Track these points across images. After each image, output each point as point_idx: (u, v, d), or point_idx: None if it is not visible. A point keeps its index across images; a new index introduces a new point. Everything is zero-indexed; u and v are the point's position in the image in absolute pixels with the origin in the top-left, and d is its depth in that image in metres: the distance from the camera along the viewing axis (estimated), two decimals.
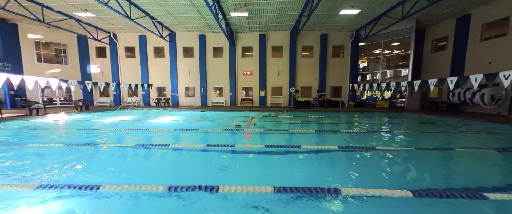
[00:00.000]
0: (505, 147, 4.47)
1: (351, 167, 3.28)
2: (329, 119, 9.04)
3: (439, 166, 3.49)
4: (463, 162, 3.64)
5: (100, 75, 16.36)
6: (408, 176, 3.02)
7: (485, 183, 2.66)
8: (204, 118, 9.28)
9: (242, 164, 3.49)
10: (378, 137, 5.48)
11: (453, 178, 2.96)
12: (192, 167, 3.31)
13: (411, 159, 3.67)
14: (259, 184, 2.34)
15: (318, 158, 3.68)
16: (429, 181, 2.82)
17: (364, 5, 10.45)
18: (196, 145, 4.41)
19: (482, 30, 10.90)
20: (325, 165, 3.36)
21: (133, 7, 10.74)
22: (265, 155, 3.87)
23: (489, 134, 5.92)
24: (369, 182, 2.67)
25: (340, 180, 2.75)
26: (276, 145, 4.27)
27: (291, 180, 2.72)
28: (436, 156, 3.90)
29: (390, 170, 3.21)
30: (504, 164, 3.57)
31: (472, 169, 3.25)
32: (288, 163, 3.48)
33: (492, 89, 9.82)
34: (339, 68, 15.83)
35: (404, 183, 2.70)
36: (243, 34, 15.58)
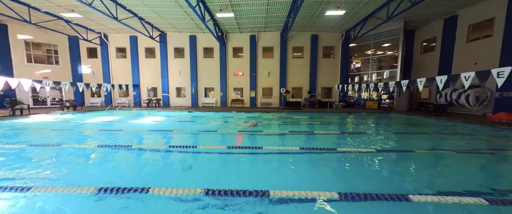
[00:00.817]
0: (467, 149, 4.46)
1: (299, 169, 3.27)
2: (310, 120, 9.03)
3: (385, 167, 3.40)
4: (409, 164, 3.52)
5: (91, 76, 16.39)
6: (343, 177, 2.97)
7: (413, 184, 2.66)
8: (184, 118, 9.28)
9: (195, 163, 3.48)
10: (345, 138, 5.47)
11: (385, 180, 2.89)
12: (142, 167, 3.30)
13: (357, 161, 3.60)
14: (191, 187, 2.34)
15: (279, 159, 3.70)
16: (362, 183, 2.75)
17: (349, 6, 10.46)
18: (159, 146, 4.42)
19: (468, 31, 10.90)
20: (282, 167, 3.37)
21: (120, 8, 10.79)
22: (227, 155, 3.87)
23: (461, 135, 5.91)
24: (300, 184, 2.63)
25: (275, 182, 2.72)
26: (241, 146, 4.27)
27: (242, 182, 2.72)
28: (390, 157, 3.80)
29: (330, 171, 3.21)
30: (445, 166, 3.52)
31: (411, 171, 3.22)
32: (248, 164, 3.48)
33: (477, 90, 9.81)
34: (329, 68, 15.83)
35: (335, 185, 2.68)
36: (233, 34, 15.61)
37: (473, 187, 2.60)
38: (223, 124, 7.65)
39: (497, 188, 2.56)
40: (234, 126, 7.27)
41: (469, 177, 3.00)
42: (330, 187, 2.56)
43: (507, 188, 2.62)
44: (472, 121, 7.43)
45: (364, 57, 15.53)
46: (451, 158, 3.83)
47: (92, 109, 13.29)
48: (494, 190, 2.49)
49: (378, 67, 15.26)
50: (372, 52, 14.76)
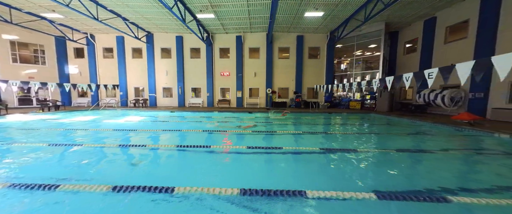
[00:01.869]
0: (408, 147, 4.58)
1: (243, 167, 3.37)
2: (283, 120, 9.14)
3: (316, 166, 3.52)
4: (342, 162, 3.64)
5: (78, 76, 16.42)
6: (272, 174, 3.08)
7: (333, 182, 2.77)
8: (160, 118, 9.35)
9: (147, 161, 3.57)
10: (308, 138, 5.58)
11: (315, 178, 3.01)
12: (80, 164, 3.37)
13: (302, 160, 3.73)
14: (130, 183, 2.43)
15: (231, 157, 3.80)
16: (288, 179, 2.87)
17: (328, 8, 10.60)
18: (111, 145, 4.50)
19: (445, 32, 11.07)
20: (225, 164, 3.47)
21: (102, 9, 10.86)
22: (183, 152, 3.97)
23: (419, 135, 6.04)
24: (242, 182, 2.74)
25: (204, 179, 2.83)
26: (193, 145, 4.37)
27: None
28: (329, 156, 3.89)
29: (274, 169, 3.31)
30: (372, 164, 3.61)
31: (343, 170, 3.33)
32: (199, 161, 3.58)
33: (452, 91, 9.97)
34: (315, 69, 15.96)
35: (262, 181, 2.78)
36: (219, 35, 15.71)
37: (381, 185, 2.71)
38: (191, 124, 7.73)
39: (415, 187, 2.68)
40: (198, 125, 7.37)
41: (384, 175, 3.09)
42: (252, 183, 2.67)
43: (427, 187, 2.73)
44: (440, 121, 7.56)
45: (350, 58, 15.70)
46: (385, 157, 3.91)
47: (77, 109, 13.33)
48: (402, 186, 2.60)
49: (364, 68, 15.43)
50: (359, 53, 14.93)
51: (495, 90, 8.66)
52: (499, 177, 3.09)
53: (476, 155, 4.13)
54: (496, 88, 8.63)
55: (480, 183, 2.82)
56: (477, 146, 4.89)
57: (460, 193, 2.39)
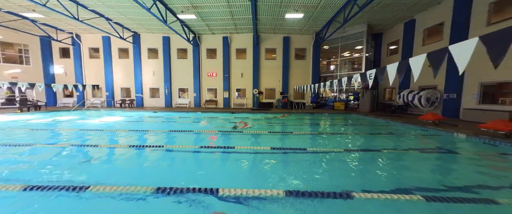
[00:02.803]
0: (365, 147, 4.69)
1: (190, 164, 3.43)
2: (263, 120, 9.22)
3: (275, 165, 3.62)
4: (298, 161, 3.76)
5: (64, 76, 16.28)
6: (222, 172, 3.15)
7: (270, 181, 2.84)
8: (139, 118, 9.35)
9: (102, 159, 3.59)
10: (264, 137, 5.66)
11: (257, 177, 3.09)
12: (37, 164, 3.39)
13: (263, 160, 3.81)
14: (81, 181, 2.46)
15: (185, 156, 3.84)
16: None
17: (308, 10, 10.74)
18: (63, 145, 4.51)
19: (423, 35, 11.30)
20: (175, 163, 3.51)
21: (83, 9, 10.83)
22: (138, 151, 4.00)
23: (383, 135, 6.17)
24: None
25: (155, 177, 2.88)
26: (150, 145, 4.40)
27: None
28: (280, 155, 4.00)
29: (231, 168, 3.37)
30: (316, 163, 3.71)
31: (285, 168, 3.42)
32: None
33: (428, 91, 10.16)
34: (302, 70, 16.11)
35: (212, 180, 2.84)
36: (206, 36, 15.76)
37: (321, 185, 2.79)
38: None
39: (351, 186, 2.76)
40: (167, 125, 7.41)
41: (322, 174, 3.19)
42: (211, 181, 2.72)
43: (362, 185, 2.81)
44: (409, 121, 7.71)
45: (336, 59, 15.86)
46: (330, 156, 4.01)
47: (60, 109, 13.23)
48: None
49: (350, 69, 15.61)
50: (348, 54, 15.09)
51: (467, 91, 8.88)
52: (430, 174, 3.21)
53: (421, 153, 4.23)
54: (468, 90, 8.85)
55: (415, 180, 2.92)
56: (431, 145, 5.01)
57: (390, 190, 2.48)
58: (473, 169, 3.44)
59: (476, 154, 4.21)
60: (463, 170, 3.47)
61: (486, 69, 8.16)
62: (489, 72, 8.05)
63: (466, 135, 5.25)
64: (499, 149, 4.39)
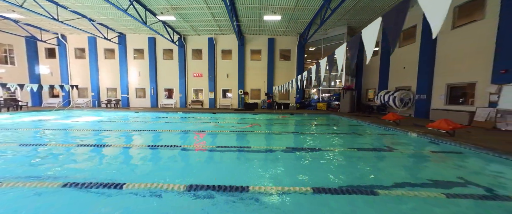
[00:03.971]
0: (312, 147, 4.87)
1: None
2: (239, 119, 9.38)
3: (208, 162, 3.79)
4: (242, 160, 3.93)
5: (50, 76, 16.30)
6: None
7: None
8: (110, 118, 9.45)
9: (54, 157, 3.72)
10: (231, 136, 5.82)
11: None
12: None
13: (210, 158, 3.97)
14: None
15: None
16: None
17: (285, 12, 10.96)
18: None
19: (400, 36, 11.57)
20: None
21: (65, 9, 10.93)
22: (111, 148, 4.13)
23: (345, 134, 6.37)
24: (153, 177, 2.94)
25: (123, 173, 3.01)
26: (93, 144, 4.53)
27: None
28: (224, 154, 4.20)
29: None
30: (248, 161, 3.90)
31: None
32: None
33: (401, 92, 10.42)
34: (287, 71, 16.31)
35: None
36: (192, 37, 15.91)
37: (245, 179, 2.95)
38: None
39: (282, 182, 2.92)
40: (138, 125, 7.54)
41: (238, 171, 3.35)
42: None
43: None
44: (376, 121, 7.90)
45: (318, 60, 16.09)
46: (270, 155, 4.19)
47: (43, 109, 13.25)
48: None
49: (335, 70, 15.84)
50: (322, 55, 15.32)
51: (436, 92, 9.13)
52: (371, 172, 3.38)
53: (357, 152, 4.41)
54: (437, 91, 9.10)
55: (360, 178, 3.10)
56: (378, 143, 5.18)
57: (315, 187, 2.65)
58: (397, 165, 3.63)
59: (411, 151, 4.40)
60: (389, 166, 3.65)
61: (452, 71, 8.44)
62: (454, 74, 8.32)
63: (417, 134, 5.46)
64: (439, 147, 4.59)
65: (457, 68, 8.21)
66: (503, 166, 3.47)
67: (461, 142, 4.30)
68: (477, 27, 7.44)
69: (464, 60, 7.92)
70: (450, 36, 8.48)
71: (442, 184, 2.81)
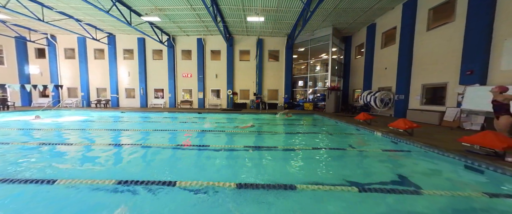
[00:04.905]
0: (279, 145, 5.02)
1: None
2: (223, 119, 9.52)
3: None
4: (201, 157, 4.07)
5: (39, 76, 16.37)
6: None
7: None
8: (92, 118, 9.57)
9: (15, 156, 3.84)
10: (202, 135, 5.96)
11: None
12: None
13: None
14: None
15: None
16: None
17: (268, 14, 11.11)
18: None
19: (382, 38, 11.75)
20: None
21: (49, 10, 11.02)
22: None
23: (317, 133, 6.52)
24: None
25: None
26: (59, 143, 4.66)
27: None
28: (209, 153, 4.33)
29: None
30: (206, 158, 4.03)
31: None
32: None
33: (382, 93, 10.59)
34: (275, 71, 16.46)
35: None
36: (181, 37, 16.04)
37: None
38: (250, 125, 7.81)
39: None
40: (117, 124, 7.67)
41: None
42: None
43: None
44: (351, 121, 8.04)
45: (305, 61, 16.24)
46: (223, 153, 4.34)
47: (31, 109, 13.33)
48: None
49: (325, 70, 15.98)
50: (309, 56, 15.45)
51: (413, 93, 9.30)
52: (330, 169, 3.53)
53: (317, 150, 4.57)
54: (414, 91, 9.27)
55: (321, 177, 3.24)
56: (342, 143, 5.32)
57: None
58: (342, 162, 3.78)
59: (367, 150, 4.55)
60: (333, 164, 3.80)
61: (427, 72, 8.60)
62: (429, 75, 8.48)
63: (381, 133, 5.62)
64: (396, 146, 4.74)
65: (431, 69, 8.38)
66: (440, 162, 3.61)
67: (414, 141, 4.46)
68: (448, 29, 7.62)
69: (438, 61, 8.10)
70: (425, 38, 8.66)
71: (361, 178, 2.97)
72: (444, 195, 2.40)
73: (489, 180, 2.93)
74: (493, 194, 2.38)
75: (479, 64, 6.30)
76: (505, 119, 3.49)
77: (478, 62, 6.32)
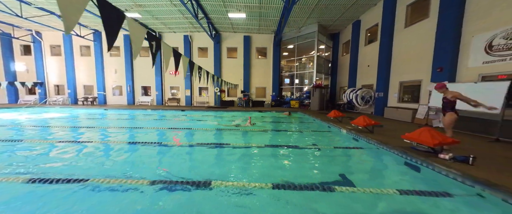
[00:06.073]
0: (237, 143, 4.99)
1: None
2: (203, 117, 9.50)
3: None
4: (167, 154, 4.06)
5: (26, 73, 16.26)
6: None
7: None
8: (71, 115, 9.53)
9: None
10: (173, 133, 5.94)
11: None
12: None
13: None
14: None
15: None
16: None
17: (250, 10, 10.98)
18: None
19: (365, 35, 11.65)
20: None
21: (28, 6, 10.88)
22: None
23: (286, 131, 6.50)
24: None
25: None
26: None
27: None
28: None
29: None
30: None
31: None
32: None
33: (363, 90, 10.54)
34: (263, 69, 16.37)
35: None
36: (167, 34, 15.90)
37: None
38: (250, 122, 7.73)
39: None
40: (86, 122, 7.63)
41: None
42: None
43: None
44: (325, 119, 8.00)
45: (292, 58, 16.14)
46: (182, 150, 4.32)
47: (16, 106, 13.30)
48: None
49: (315, 67, 15.89)
50: (295, 53, 15.34)
51: (392, 90, 9.26)
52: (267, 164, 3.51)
53: (295, 149, 4.54)
54: (392, 89, 9.23)
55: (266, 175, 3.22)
56: (306, 141, 5.31)
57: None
58: (305, 160, 3.76)
59: (325, 147, 4.54)
60: (275, 162, 3.78)
61: (404, 70, 8.54)
62: (406, 72, 8.42)
63: (346, 131, 5.59)
64: (357, 143, 4.72)
65: (408, 66, 8.33)
66: (386, 159, 3.59)
67: (369, 138, 4.44)
68: (423, 26, 7.54)
69: (414, 58, 8.03)
70: (403, 35, 8.58)
71: (292, 176, 2.94)
72: (369, 193, 2.38)
73: (423, 176, 2.91)
74: (404, 191, 2.36)
75: (448, 61, 6.25)
76: (449, 116, 3.46)
77: (447, 59, 6.27)
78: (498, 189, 2.05)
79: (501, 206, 2.00)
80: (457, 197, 2.20)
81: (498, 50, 5.16)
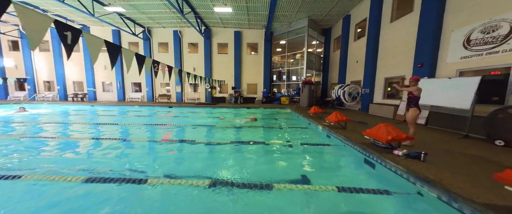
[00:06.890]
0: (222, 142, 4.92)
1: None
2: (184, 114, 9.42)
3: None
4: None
5: (14, 69, 16.09)
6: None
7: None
8: (54, 112, 9.45)
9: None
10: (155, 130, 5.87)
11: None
12: None
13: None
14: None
15: None
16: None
17: (236, 4, 10.74)
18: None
19: (355, 30, 11.45)
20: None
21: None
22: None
23: (268, 127, 6.43)
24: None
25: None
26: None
27: None
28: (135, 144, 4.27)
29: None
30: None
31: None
32: None
33: (350, 87, 10.43)
34: (254, 65, 16.20)
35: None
36: (157, 29, 15.65)
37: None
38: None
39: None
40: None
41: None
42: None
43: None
44: (307, 115, 7.92)
45: (283, 53, 15.93)
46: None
47: (5, 102, 13.23)
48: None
49: (306, 63, 15.70)
50: (286, 48, 15.13)
51: (377, 87, 9.14)
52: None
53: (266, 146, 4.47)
54: (378, 85, 9.11)
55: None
56: (281, 138, 5.25)
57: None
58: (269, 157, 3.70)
59: (297, 143, 4.47)
60: (262, 157, 3.71)
61: (389, 65, 8.40)
62: (391, 68, 8.29)
63: (321, 127, 5.52)
64: (329, 140, 4.66)
65: (393, 62, 8.19)
66: (348, 155, 3.53)
67: (338, 135, 4.36)
68: (407, 21, 7.37)
69: (398, 54, 7.89)
70: (389, 30, 8.40)
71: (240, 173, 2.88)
72: (307, 190, 2.31)
73: (377, 173, 2.85)
74: (343, 189, 2.29)
75: (429, 57, 6.12)
76: (412, 112, 3.37)
77: (428, 54, 6.14)
78: (434, 186, 1.98)
79: (434, 204, 1.94)
80: (395, 195, 2.14)
81: (476, 44, 5.03)
